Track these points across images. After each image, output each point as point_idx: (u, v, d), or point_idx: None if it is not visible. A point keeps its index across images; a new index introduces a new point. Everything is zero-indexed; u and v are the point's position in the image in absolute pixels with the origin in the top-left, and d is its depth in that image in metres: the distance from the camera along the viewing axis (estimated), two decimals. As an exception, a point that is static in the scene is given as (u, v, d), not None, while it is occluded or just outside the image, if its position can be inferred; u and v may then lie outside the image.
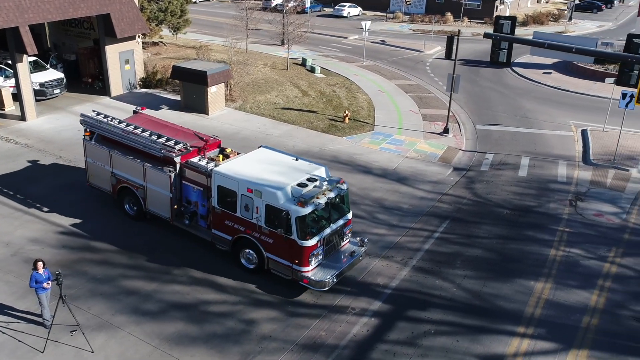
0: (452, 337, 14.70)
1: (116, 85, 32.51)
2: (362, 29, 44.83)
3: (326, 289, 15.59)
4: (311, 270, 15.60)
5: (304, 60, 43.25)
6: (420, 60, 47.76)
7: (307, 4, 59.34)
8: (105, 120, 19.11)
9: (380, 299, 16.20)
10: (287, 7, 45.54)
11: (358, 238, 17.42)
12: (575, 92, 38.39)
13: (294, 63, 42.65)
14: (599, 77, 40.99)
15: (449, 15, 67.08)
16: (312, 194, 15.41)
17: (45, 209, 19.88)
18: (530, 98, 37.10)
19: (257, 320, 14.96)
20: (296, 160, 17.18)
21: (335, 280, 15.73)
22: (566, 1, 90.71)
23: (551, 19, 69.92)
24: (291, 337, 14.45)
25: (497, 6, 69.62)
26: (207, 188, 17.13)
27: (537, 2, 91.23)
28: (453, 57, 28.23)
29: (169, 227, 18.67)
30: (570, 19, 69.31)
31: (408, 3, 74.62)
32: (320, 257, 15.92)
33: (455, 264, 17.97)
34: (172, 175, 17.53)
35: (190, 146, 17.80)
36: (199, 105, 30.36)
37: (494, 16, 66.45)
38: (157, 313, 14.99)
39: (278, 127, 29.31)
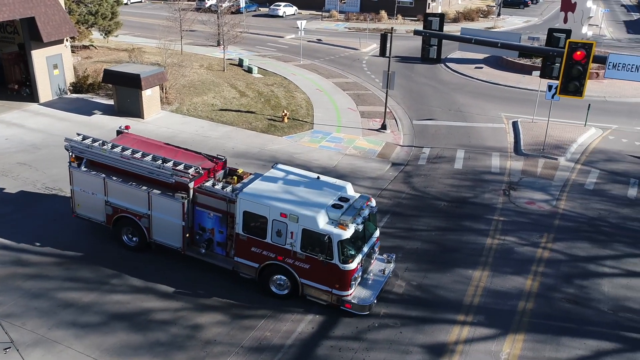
0: (395, 329, 14.99)
1: (45, 91, 31.29)
2: (298, 28, 44.93)
3: (368, 312, 15.25)
4: (352, 294, 15.14)
5: (241, 60, 42.96)
6: (356, 58, 48.33)
7: (242, 4, 58.92)
8: (96, 145, 17.29)
9: (325, 296, 16.34)
10: (222, 8, 45.10)
11: (384, 255, 17.12)
12: (506, 86, 39.84)
13: (230, 64, 42.31)
14: (527, 70, 42.67)
15: (383, 13, 68.15)
16: (350, 215, 14.75)
17: (-28, 223, 18.97)
18: (463, 92, 38.21)
19: (201, 325, 14.79)
20: (318, 179, 16.39)
21: (375, 302, 15.44)
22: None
23: (481, 15, 72.20)
24: (236, 339, 14.36)
25: (429, 3, 71.26)
26: (226, 214, 15.97)
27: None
28: (387, 55, 28.75)
29: (105, 235, 18.17)
30: (499, 15, 71.76)
31: (343, 2, 75.35)
32: (359, 279, 15.46)
33: (396, 258, 18.34)
34: (186, 202, 16.16)
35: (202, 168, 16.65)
36: (133, 109, 29.65)
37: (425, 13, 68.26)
38: (97, 324, 14.57)
39: (216, 129, 29.02)
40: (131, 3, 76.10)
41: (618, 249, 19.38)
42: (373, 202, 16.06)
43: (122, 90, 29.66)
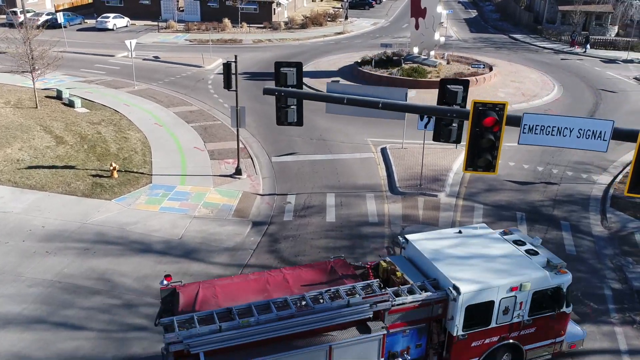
0: None
1: None
2: (129, 48, 38.44)
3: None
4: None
5: (59, 92, 35.64)
6: (200, 77, 42.85)
7: (60, 19, 50.63)
8: (215, 327, 11.05)
9: None
10: (33, 23, 37.02)
11: None
12: (366, 102, 36.76)
13: (46, 97, 34.98)
14: (385, 82, 40.14)
15: (227, 22, 63.02)
16: (547, 255, 14.12)
17: None
18: (323, 114, 34.31)
19: None
20: (460, 232, 14.85)
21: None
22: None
23: (329, 19, 69.76)
24: None
25: (274, 9, 67.36)
26: (429, 320, 12.94)
27: (313, 1, 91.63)
28: (234, 87, 24.01)
29: None
30: (347, 18, 69.81)
31: (181, 10, 68.98)
32: None
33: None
34: (385, 331, 12.19)
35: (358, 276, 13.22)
36: None
37: (272, 20, 64.24)
38: None
39: (21, 197, 22.35)
40: None
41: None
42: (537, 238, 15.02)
43: None
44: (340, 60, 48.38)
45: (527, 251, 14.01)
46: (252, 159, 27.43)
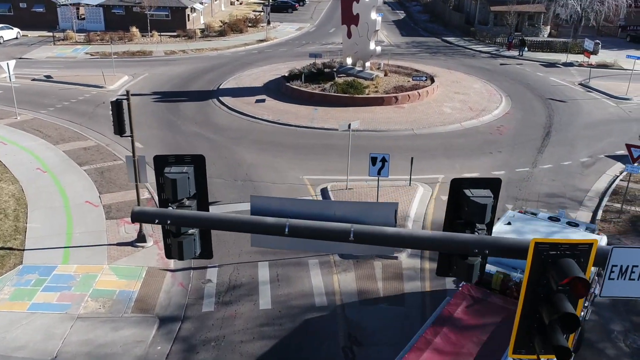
0: None
1: None
2: (9, 69, 31.48)
3: None
4: None
5: None
6: (101, 101, 36.27)
7: None
8: None
9: None
10: None
11: None
12: (299, 126, 31.62)
13: None
14: (317, 100, 35.24)
15: (135, 31, 56.09)
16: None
17: None
18: (248, 144, 29.10)
19: None
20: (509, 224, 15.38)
21: None
22: (260, 1, 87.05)
23: (250, 25, 64.08)
24: None
25: (188, 15, 60.96)
26: None
27: (231, 4, 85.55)
28: (128, 133, 18.28)
29: None
30: (269, 23, 64.38)
31: (82, 18, 61.23)
32: None
33: None
34: None
35: None
36: None
37: (187, 28, 57.91)
38: None
39: None
40: None
41: None
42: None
43: None
44: (265, 73, 42.99)
45: (569, 223, 15.42)
46: (161, 214, 21.69)
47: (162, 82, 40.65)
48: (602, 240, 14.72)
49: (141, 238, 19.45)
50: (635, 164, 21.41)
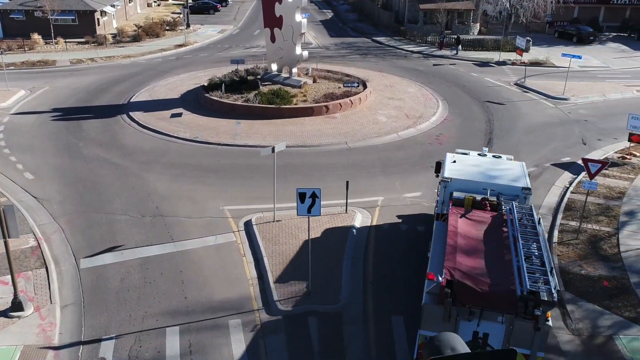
0: None
1: None
2: None
3: None
4: None
5: None
6: (-12, 122, 31.41)
7: None
8: None
9: None
10: None
11: None
12: (219, 144, 28.04)
13: None
14: (240, 113, 31.82)
15: (37, 37, 50.61)
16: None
17: None
18: (162, 168, 25.32)
19: None
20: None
21: None
22: (179, 2, 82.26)
23: (167, 28, 59.56)
24: None
25: (98, 19, 55.83)
26: None
27: (148, 6, 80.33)
28: (-13, 178, 14.27)
29: None
30: (188, 25, 60.08)
31: (-25, 24, 54.92)
32: None
33: None
34: None
35: None
36: None
37: (97, 33, 52.92)
38: None
39: None
40: None
41: None
42: None
43: None
44: (183, 82, 39.06)
45: (494, 156, 18.29)
46: (46, 268, 17.75)
47: (65, 96, 36.04)
48: (524, 166, 17.54)
49: (17, 305, 15.51)
50: (593, 180, 19.33)
